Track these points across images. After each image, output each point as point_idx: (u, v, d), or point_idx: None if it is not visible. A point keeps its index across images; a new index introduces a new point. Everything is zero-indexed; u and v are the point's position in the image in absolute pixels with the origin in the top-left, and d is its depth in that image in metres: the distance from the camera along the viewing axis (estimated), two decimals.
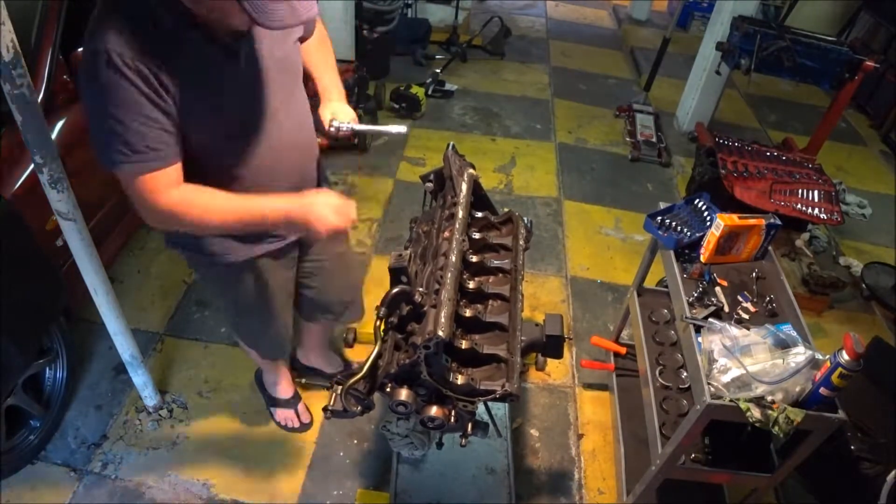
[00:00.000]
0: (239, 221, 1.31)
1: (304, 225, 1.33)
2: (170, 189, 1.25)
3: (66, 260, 1.96)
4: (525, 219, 1.70)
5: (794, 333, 1.51)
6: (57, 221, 1.60)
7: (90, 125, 1.21)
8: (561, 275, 3.02)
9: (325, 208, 1.32)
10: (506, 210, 1.72)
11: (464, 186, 1.59)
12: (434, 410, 1.31)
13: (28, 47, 1.95)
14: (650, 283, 2.23)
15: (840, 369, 1.34)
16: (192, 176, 1.30)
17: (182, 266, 2.80)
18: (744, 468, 1.66)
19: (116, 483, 1.99)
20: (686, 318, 1.61)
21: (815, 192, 2.89)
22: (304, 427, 2.21)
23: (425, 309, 1.30)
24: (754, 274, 1.83)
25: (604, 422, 2.34)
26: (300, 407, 2.22)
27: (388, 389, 1.33)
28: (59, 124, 2.10)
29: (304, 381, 1.49)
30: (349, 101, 1.79)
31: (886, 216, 3.78)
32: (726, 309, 1.71)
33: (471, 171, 1.65)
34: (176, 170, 1.26)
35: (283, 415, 2.21)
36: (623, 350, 2.31)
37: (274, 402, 2.21)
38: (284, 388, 2.19)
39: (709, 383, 1.43)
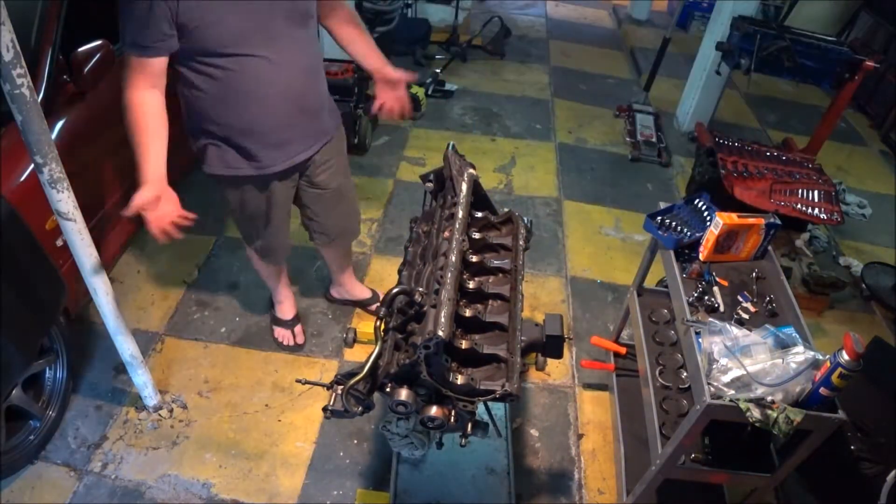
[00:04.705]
0: (135, 150, 1.61)
1: (141, 190, 1.61)
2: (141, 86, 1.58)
3: (66, 260, 1.96)
4: (525, 219, 1.70)
5: (794, 335, 1.51)
6: (57, 221, 1.60)
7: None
8: (561, 275, 3.02)
9: (151, 204, 1.61)
10: (506, 210, 1.72)
11: (464, 186, 1.59)
12: (434, 410, 1.31)
13: (28, 47, 1.95)
14: (650, 283, 2.23)
15: (840, 369, 1.34)
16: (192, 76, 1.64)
17: (182, 266, 2.80)
18: (744, 468, 1.66)
19: (116, 483, 1.99)
20: (687, 320, 1.61)
21: (815, 192, 2.89)
22: (297, 347, 2.47)
23: (425, 309, 1.30)
24: (754, 274, 1.83)
25: (604, 422, 2.34)
26: (297, 329, 2.49)
27: (388, 389, 1.33)
28: (59, 124, 2.10)
29: (303, 380, 1.49)
30: (348, 102, 1.94)
31: (886, 216, 3.77)
32: (722, 309, 1.71)
33: (471, 171, 1.65)
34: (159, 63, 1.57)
35: (281, 333, 2.48)
36: (623, 350, 2.31)
37: (276, 320, 2.50)
38: (286, 310, 2.48)
39: (709, 383, 1.43)
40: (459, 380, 1.28)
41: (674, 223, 1.93)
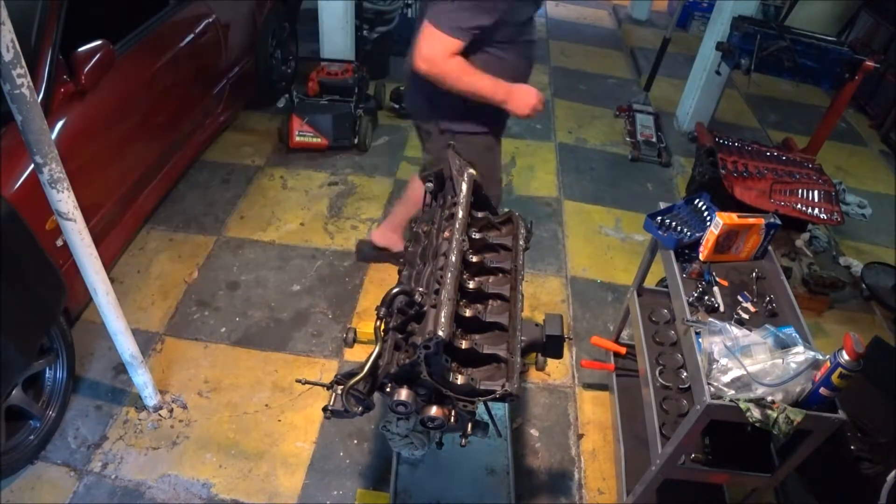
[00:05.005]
0: (477, 92, 1.93)
1: (512, 104, 2.00)
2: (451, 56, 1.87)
3: (66, 260, 1.96)
4: (525, 219, 1.70)
5: (794, 335, 1.51)
6: (57, 221, 1.60)
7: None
8: (561, 275, 3.02)
9: (527, 95, 2.01)
10: (506, 210, 1.72)
11: (464, 186, 1.59)
12: (434, 410, 1.31)
13: (28, 47, 1.95)
14: (650, 283, 2.23)
15: (840, 369, 1.34)
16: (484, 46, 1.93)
17: (182, 266, 2.80)
18: (744, 468, 1.66)
19: (116, 483, 1.99)
20: (687, 320, 1.61)
21: (815, 192, 2.89)
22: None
23: (425, 309, 1.30)
24: (754, 274, 1.83)
25: (604, 422, 2.34)
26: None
27: (388, 389, 1.33)
28: (59, 124, 2.10)
29: (303, 380, 1.49)
30: (349, 101, 2.07)
31: (886, 216, 3.78)
32: (722, 309, 1.71)
33: (471, 171, 1.65)
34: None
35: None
36: (623, 350, 2.31)
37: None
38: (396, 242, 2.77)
39: (709, 383, 1.43)
40: (459, 380, 1.28)
41: (674, 223, 1.93)
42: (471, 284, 1.46)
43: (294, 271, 2.84)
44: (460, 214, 1.51)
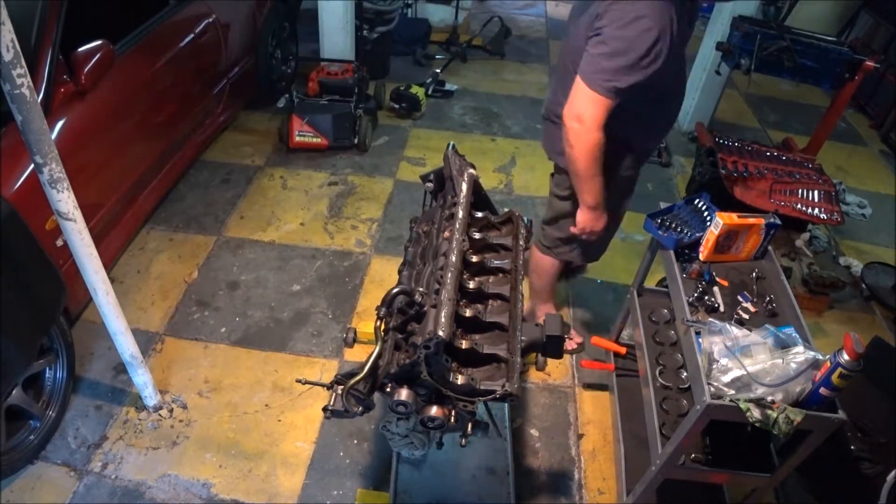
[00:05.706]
0: (587, 179, 1.80)
1: (590, 213, 1.91)
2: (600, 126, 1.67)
3: (66, 260, 1.96)
4: (525, 219, 1.70)
5: (794, 335, 1.51)
6: (57, 221, 1.60)
7: (605, 53, 1.58)
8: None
9: (600, 222, 1.95)
10: (506, 210, 1.72)
11: (464, 186, 1.59)
12: (434, 410, 1.31)
13: (28, 47, 1.95)
14: (650, 283, 2.23)
15: (840, 369, 1.34)
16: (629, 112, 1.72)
17: (182, 266, 2.80)
18: (744, 468, 1.66)
19: (116, 483, 2.00)
20: (687, 320, 1.61)
21: (815, 192, 2.89)
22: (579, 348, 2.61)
23: (425, 309, 1.30)
24: (754, 274, 1.83)
25: (604, 422, 2.34)
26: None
27: (388, 389, 1.33)
28: (59, 124, 2.10)
29: (303, 380, 1.49)
30: (349, 102, 1.97)
31: (886, 216, 3.77)
32: (722, 309, 1.71)
33: (471, 170, 1.65)
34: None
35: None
36: (623, 350, 2.31)
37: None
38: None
39: (709, 383, 1.43)
40: (459, 380, 1.28)
41: (674, 223, 1.93)
42: (471, 284, 1.46)
43: (294, 271, 2.84)
44: (460, 214, 1.51)
